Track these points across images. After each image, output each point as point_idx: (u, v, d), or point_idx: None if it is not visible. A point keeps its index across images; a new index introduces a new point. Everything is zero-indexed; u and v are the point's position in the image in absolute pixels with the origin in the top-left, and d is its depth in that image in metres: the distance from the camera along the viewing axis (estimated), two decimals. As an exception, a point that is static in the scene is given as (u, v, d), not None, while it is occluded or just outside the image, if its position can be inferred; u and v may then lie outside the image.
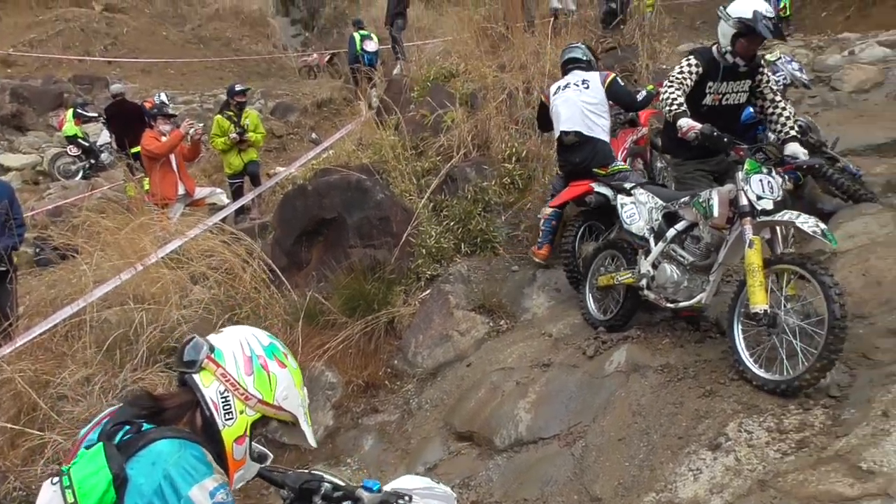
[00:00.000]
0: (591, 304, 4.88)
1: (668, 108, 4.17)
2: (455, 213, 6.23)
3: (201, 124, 8.77)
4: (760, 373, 3.57)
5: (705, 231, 4.05)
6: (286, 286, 5.88)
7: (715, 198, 3.89)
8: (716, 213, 3.87)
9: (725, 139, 3.93)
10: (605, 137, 5.33)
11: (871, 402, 3.20)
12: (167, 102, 8.31)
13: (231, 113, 8.89)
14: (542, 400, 4.24)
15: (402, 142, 7.06)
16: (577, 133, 5.23)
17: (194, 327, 5.53)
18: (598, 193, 5.10)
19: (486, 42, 8.34)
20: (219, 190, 8.62)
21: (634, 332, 4.48)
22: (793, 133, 4.26)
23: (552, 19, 8.63)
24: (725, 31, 4.14)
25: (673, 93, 4.16)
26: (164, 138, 7.62)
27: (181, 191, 7.83)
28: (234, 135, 8.66)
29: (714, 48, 4.32)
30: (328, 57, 21.95)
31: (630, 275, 4.46)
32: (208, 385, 1.72)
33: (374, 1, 26.83)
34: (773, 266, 3.64)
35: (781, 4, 14.32)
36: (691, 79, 4.25)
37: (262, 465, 1.89)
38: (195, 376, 1.73)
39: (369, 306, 5.48)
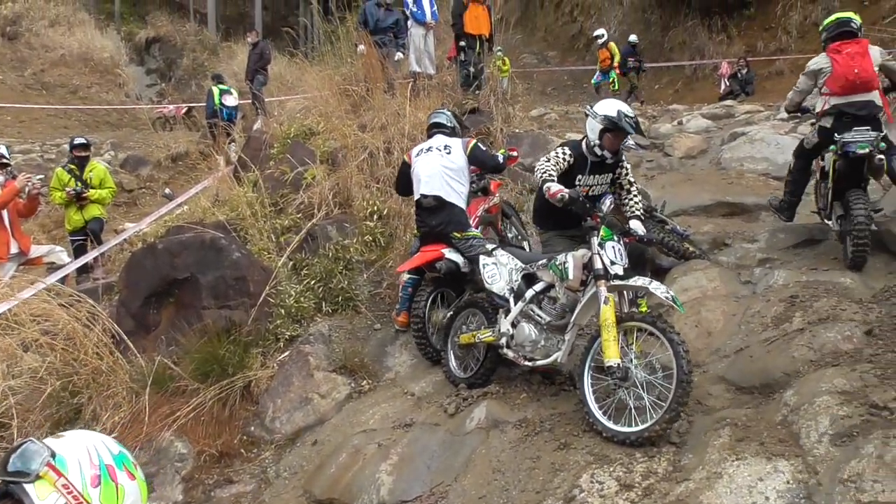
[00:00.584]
0: (452, 362, 4.95)
1: (539, 176, 4.45)
2: (316, 271, 6.16)
3: (41, 177, 8.16)
4: (610, 425, 3.74)
5: (561, 292, 4.29)
6: (132, 351, 5.51)
7: (570, 262, 4.14)
8: (571, 276, 4.10)
9: (587, 205, 4.28)
10: (462, 204, 5.42)
11: (706, 447, 3.43)
12: (5, 154, 7.66)
13: (73, 166, 8.32)
14: (404, 461, 4.19)
15: (260, 199, 6.93)
16: (436, 197, 5.30)
17: (25, 398, 5.05)
18: (448, 260, 5.23)
19: (346, 102, 8.43)
20: (58, 248, 7.99)
21: (494, 387, 4.58)
22: (637, 213, 4.79)
23: (412, 82, 8.91)
24: (594, 127, 4.53)
25: (547, 165, 4.49)
26: (-5, 191, 7.01)
27: (14, 249, 7.18)
28: (71, 190, 8.10)
29: (583, 143, 4.69)
30: (185, 109, 21.32)
31: (490, 333, 4.58)
32: (44, 497, 1.50)
33: (235, 55, 26.53)
34: (624, 323, 3.88)
35: (610, 79, 15.74)
36: (563, 164, 4.60)
37: None
38: (28, 486, 1.49)
39: (224, 370, 5.25)
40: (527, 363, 4.37)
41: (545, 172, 4.42)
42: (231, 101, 13.58)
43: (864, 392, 3.31)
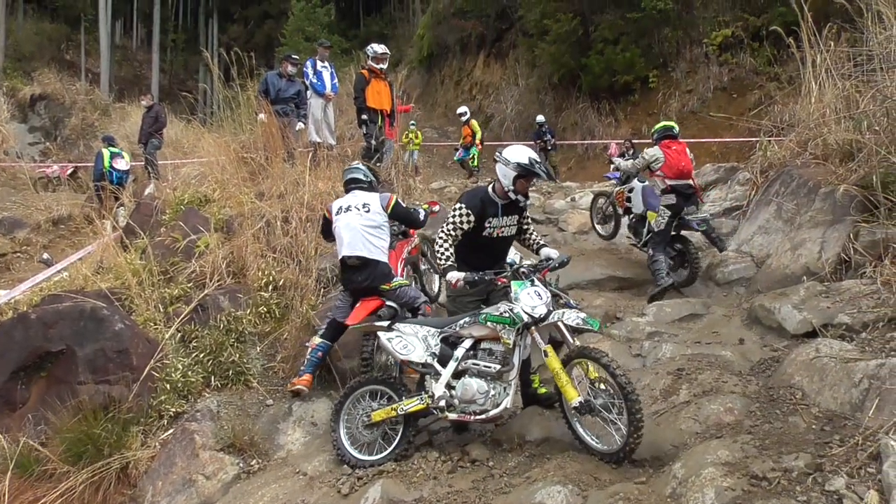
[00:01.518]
0: (348, 446, 4.73)
1: (439, 261, 4.71)
2: (206, 343, 5.89)
3: None
4: (603, 448, 4.07)
5: (496, 343, 4.45)
6: (-7, 432, 5.04)
7: (518, 307, 4.36)
8: (525, 318, 4.32)
9: (487, 278, 4.56)
10: (384, 258, 5.63)
11: (599, 522, 3.45)
12: None
13: None
14: (294, 547, 3.97)
15: (148, 267, 6.61)
16: (359, 257, 5.47)
17: None
18: (389, 307, 5.45)
19: (244, 169, 8.30)
20: (-87, 317, 7.28)
21: (390, 465, 4.46)
22: (542, 242, 5.15)
23: (312, 151, 8.90)
24: (506, 173, 4.69)
25: (443, 246, 4.73)
26: None
27: None
28: None
29: (490, 188, 4.87)
30: (71, 170, 20.34)
31: (417, 402, 4.53)
32: None
33: (128, 116, 25.77)
34: (570, 362, 4.23)
35: (470, 154, 16.31)
36: (462, 228, 4.75)
37: None
38: None
39: (99, 451, 4.87)
40: (478, 417, 4.41)
41: (442, 255, 4.69)
42: (122, 164, 13.12)
43: (745, 463, 3.45)
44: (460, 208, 4.77)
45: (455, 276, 4.58)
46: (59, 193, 18.25)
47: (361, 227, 5.54)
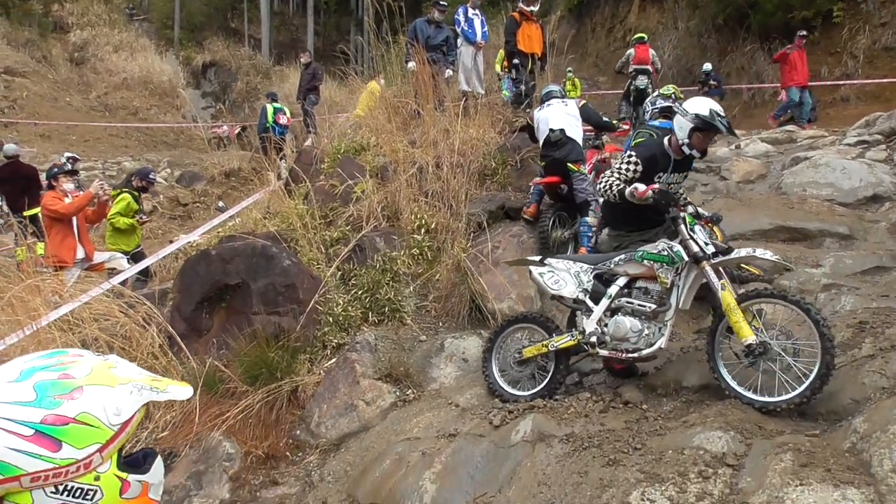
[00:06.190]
0: (501, 383, 4.81)
1: (613, 189, 4.48)
2: (363, 282, 6.16)
3: (111, 186, 8.57)
4: (766, 399, 3.79)
5: (652, 282, 4.33)
6: (185, 353, 5.58)
7: (677, 245, 4.20)
8: (685, 256, 4.16)
9: (675, 194, 4.46)
10: (580, 141, 6.87)
11: (765, 471, 3.26)
12: (70, 162, 8.01)
13: (136, 194, 8.99)
14: (448, 471, 4.10)
15: (310, 211, 6.98)
16: (562, 130, 6.67)
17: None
18: (562, 188, 6.72)
19: (397, 118, 8.50)
20: (119, 254, 8.25)
21: (540, 401, 4.47)
22: (688, 199, 5.05)
23: (462, 101, 8.94)
24: (683, 125, 4.45)
25: (614, 180, 4.52)
26: (67, 198, 7.28)
27: (80, 254, 7.47)
28: (144, 217, 9.03)
29: (665, 141, 4.64)
30: (238, 129, 21.89)
31: (569, 338, 4.53)
32: None
33: (287, 77, 27.16)
34: (743, 303, 3.94)
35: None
36: (626, 176, 4.53)
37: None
38: None
39: (272, 375, 5.26)
40: (630, 355, 4.34)
41: (614, 184, 4.49)
42: (284, 119, 13.92)
43: (944, 422, 3.11)
44: (630, 156, 4.59)
45: (643, 186, 4.32)
46: (229, 151, 19.74)
47: (565, 112, 6.83)
